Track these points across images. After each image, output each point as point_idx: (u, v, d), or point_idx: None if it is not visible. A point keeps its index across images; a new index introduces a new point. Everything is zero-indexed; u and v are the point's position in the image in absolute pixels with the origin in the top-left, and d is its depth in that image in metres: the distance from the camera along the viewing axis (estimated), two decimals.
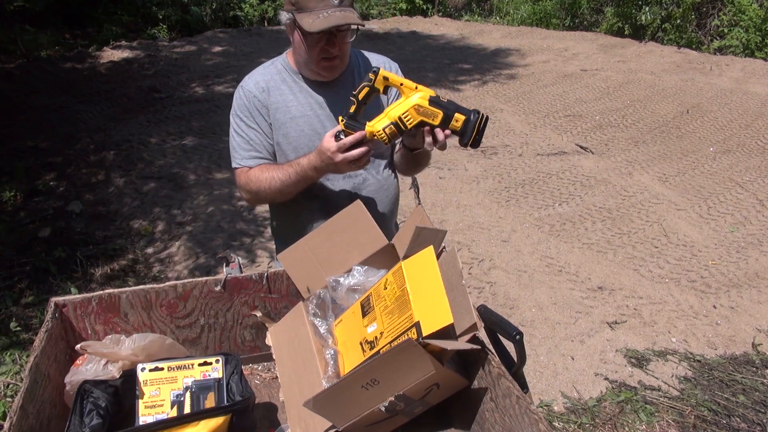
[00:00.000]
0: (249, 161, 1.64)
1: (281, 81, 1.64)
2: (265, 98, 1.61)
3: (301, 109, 1.63)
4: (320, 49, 1.50)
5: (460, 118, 1.37)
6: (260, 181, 1.60)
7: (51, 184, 4.75)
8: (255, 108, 1.61)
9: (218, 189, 4.68)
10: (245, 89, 1.63)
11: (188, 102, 6.75)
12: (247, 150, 1.64)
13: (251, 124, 1.63)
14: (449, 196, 4.70)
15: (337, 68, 1.58)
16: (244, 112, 1.63)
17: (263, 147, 1.64)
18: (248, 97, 1.62)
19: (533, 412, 1.07)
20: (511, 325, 1.28)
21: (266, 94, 1.62)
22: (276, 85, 1.63)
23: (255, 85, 1.63)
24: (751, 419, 2.59)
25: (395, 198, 1.80)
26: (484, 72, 8.40)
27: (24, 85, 7.16)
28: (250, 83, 1.64)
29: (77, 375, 1.26)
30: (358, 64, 1.70)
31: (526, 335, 1.30)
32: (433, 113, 1.38)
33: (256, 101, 1.61)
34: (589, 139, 6.07)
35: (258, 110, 1.62)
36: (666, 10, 10.33)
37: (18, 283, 3.47)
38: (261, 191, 1.61)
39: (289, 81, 1.64)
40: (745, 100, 7.18)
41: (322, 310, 1.41)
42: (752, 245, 4.12)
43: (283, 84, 1.63)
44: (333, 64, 1.55)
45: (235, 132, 1.66)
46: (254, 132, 1.63)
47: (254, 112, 1.62)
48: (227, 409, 1.20)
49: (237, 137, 1.65)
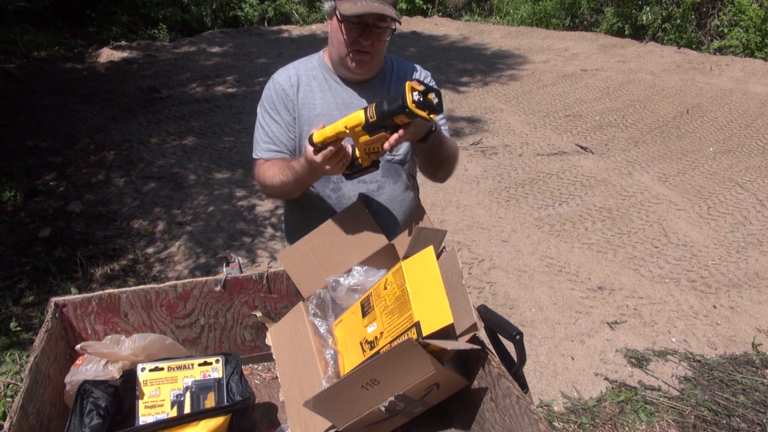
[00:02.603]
0: (265, 153, 1.64)
1: (312, 77, 1.63)
2: (293, 92, 1.61)
3: (326, 108, 1.61)
4: (353, 40, 1.49)
5: (400, 117, 1.22)
6: (267, 175, 1.60)
7: (51, 184, 4.75)
8: (281, 100, 1.62)
9: (218, 189, 4.68)
10: (276, 81, 1.63)
11: (188, 102, 6.75)
12: (266, 142, 1.64)
13: (275, 117, 1.63)
14: (449, 196, 4.70)
15: (368, 65, 1.56)
16: (270, 104, 1.63)
17: (282, 141, 1.64)
18: (277, 89, 1.62)
19: (533, 412, 1.07)
20: (511, 325, 1.28)
21: (295, 88, 1.61)
22: (306, 81, 1.63)
23: (286, 78, 1.63)
24: (751, 419, 2.59)
25: (409, 212, 1.74)
26: (484, 72, 8.40)
27: (24, 85, 7.16)
28: (282, 75, 1.64)
29: (77, 375, 1.26)
30: (392, 70, 1.68)
31: (526, 335, 1.30)
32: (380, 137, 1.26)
33: (284, 94, 1.61)
34: (589, 139, 6.07)
35: (284, 103, 1.62)
36: (666, 10, 10.33)
37: (18, 283, 3.47)
38: (267, 185, 1.61)
39: (320, 78, 1.63)
40: (745, 100, 7.18)
41: (322, 310, 1.41)
42: (752, 245, 4.12)
43: (314, 80, 1.63)
44: (364, 59, 1.53)
45: (259, 123, 1.66)
46: (276, 125, 1.63)
47: (279, 104, 1.62)
48: (227, 409, 1.20)
49: (259, 128, 1.66)
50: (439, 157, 1.62)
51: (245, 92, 7.11)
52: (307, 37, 10.35)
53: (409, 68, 1.71)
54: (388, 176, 1.67)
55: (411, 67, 1.71)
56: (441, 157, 1.62)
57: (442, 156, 1.61)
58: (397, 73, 1.68)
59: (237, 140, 5.66)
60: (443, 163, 1.66)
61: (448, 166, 1.68)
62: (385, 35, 1.51)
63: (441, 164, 1.67)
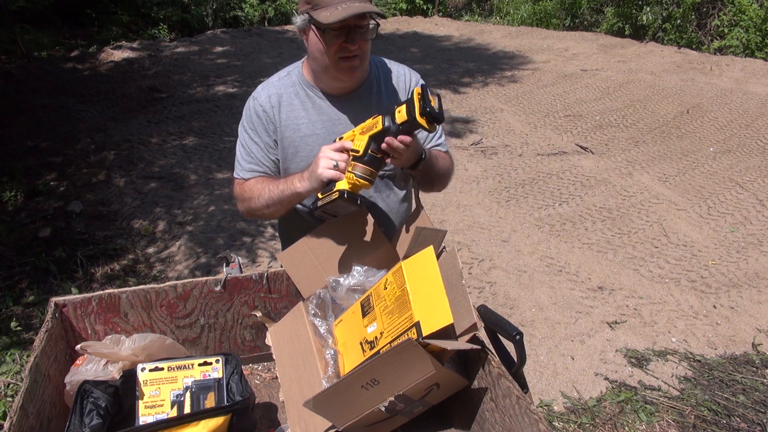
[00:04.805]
0: (246, 173, 1.60)
1: (294, 95, 1.56)
2: (274, 114, 1.56)
3: (312, 128, 1.56)
4: (338, 47, 1.40)
5: (401, 109, 1.26)
6: (252, 192, 1.55)
7: (51, 184, 4.75)
8: (261, 122, 1.57)
9: (219, 189, 4.68)
10: (256, 101, 1.57)
11: (189, 102, 6.75)
12: (248, 162, 1.60)
13: (255, 138, 1.58)
14: (449, 196, 4.70)
15: (358, 69, 1.47)
16: (250, 125, 1.59)
17: (263, 162, 1.59)
18: (257, 110, 1.57)
19: (533, 412, 1.07)
20: (511, 325, 1.28)
21: (276, 109, 1.56)
22: (288, 100, 1.56)
23: (266, 98, 1.56)
24: (751, 419, 2.59)
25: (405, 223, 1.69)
26: (485, 72, 8.40)
27: (24, 85, 7.16)
28: (262, 95, 1.57)
29: (77, 375, 1.26)
30: (378, 75, 1.59)
31: (526, 335, 1.30)
32: (373, 122, 1.31)
33: (265, 116, 1.56)
34: (589, 139, 6.07)
35: (264, 125, 1.57)
36: (666, 10, 10.33)
37: (18, 283, 3.47)
38: (251, 202, 1.56)
39: (302, 95, 1.56)
40: (745, 100, 7.18)
41: (322, 310, 1.41)
42: (752, 245, 4.12)
43: (295, 98, 1.56)
44: (353, 64, 1.44)
45: (240, 143, 1.62)
46: (256, 146, 1.59)
47: (259, 126, 1.57)
48: (227, 409, 1.20)
49: (241, 148, 1.62)
50: (432, 177, 1.57)
51: (246, 92, 7.09)
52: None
53: (398, 72, 1.62)
54: (380, 191, 1.63)
55: (400, 70, 1.63)
56: (433, 178, 1.58)
57: (435, 176, 1.57)
58: (385, 80, 1.60)
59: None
60: (436, 182, 1.62)
61: (441, 182, 1.64)
62: (371, 33, 1.42)
63: (434, 182, 1.62)
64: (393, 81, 1.61)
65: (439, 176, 1.59)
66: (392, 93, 1.61)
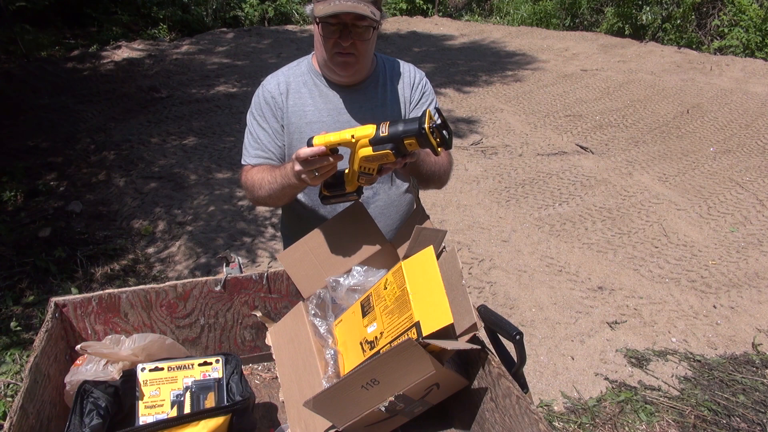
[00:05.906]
0: (253, 160, 1.63)
1: (302, 83, 1.60)
2: (282, 100, 1.59)
3: (318, 115, 1.59)
4: (333, 42, 1.45)
5: (411, 140, 1.23)
6: (254, 181, 1.57)
7: (51, 184, 4.75)
8: (270, 108, 1.60)
9: (219, 189, 4.68)
10: (265, 88, 1.61)
11: (189, 102, 6.75)
12: (255, 149, 1.63)
13: (263, 124, 1.61)
14: (449, 196, 4.70)
15: (352, 67, 1.51)
16: (258, 111, 1.62)
17: (270, 148, 1.62)
18: (266, 96, 1.60)
19: (533, 412, 1.07)
20: (511, 325, 1.28)
21: (284, 95, 1.59)
22: (296, 87, 1.60)
23: (276, 85, 1.60)
24: (751, 419, 2.59)
25: (406, 216, 1.71)
26: (484, 72, 8.40)
27: (24, 85, 7.15)
28: (271, 82, 1.61)
29: (77, 375, 1.26)
30: (385, 71, 1.64)
31: (526, 335, 1.30)
32: (383, 154, 1.26)
33: (273, 102, 1.59)
34: (589, 139, 6.07)
35: (272, 110, 1.60)
36: (666, 10, 10.33)
37: (18, 283, 3.47)
38: (255, 191, 1.58)
39: (309, 83, 1.60)
40: (745, 100, 7.18)
41: (322, 310, 1.41)
42: (752, 245, 4.12)
43: (303, 86, 1.60)
44: (347, 60, 1.48)
45: (248, 130, 1.65)
46: (264, 132, 1.61)
47: (268, 112, 1.60)
48: (227, 409, 1.20)
49: (248, 135, 1.65)
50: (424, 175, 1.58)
51: (246, 92, 7.11)
52: (307, 37, 10.34)
53: (404, 68, 1.67)
54: (383, 181, 1.65)
55: (405, 67, 1.68)
56: (424, 175, 1.58)
57: (426, 173, 1.57)
58: (391, 75, 1.64)
59: (237, 140, 5.66)
60: (431, 179, 1.62)
61: (437, 179, 1.64)
62: (367, 34, 1.45)
63: (429, 180, 1.62)
64: (399, 75, 1.65)
65: (432, 173, 1.59)
66: (397, 86, 1.65)
